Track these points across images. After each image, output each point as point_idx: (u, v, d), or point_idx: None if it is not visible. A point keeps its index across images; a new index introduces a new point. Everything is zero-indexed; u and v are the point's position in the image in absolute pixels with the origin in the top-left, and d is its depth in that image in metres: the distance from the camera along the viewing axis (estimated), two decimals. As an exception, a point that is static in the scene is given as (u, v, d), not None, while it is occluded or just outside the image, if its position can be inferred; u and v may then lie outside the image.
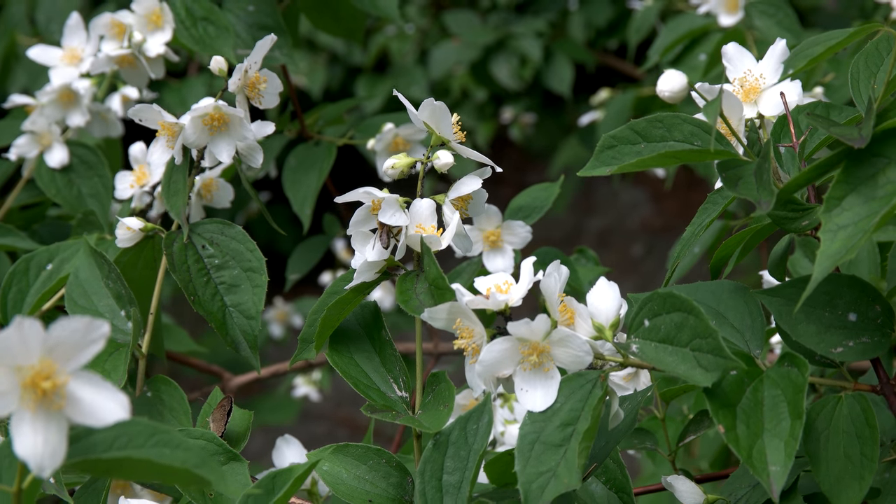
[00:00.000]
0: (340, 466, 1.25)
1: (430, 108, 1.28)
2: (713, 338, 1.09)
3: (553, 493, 1.09)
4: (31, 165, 1.84)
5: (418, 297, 1.23)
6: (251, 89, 1.47)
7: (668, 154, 1.20)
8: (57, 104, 1.78)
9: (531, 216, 1.68)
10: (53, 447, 0.84)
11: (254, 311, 1.42)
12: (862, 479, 1.12)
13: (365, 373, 1.29)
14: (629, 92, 3.01)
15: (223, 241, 1.45)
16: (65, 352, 0.84)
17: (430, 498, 1.15)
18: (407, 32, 3.89)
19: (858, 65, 1.22)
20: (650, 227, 4.64)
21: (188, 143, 1.44)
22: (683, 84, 1.20)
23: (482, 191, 1.32)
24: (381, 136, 1.90)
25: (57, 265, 1.51)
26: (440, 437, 1.17)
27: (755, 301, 1.21)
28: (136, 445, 0.86)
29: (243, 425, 1.33)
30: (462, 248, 1.31)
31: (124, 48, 1.73)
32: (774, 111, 1.28)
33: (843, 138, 1.09)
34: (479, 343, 1.16)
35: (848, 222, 1.09)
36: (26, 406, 0.84)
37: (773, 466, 1.06)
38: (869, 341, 1.17)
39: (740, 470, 1.35)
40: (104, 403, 0.84)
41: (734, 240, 1.29)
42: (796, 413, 1.08)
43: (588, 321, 1.19)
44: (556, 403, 1.13)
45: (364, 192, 1.27)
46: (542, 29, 3.43)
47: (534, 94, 3.94)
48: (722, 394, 1.11)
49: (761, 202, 1.11)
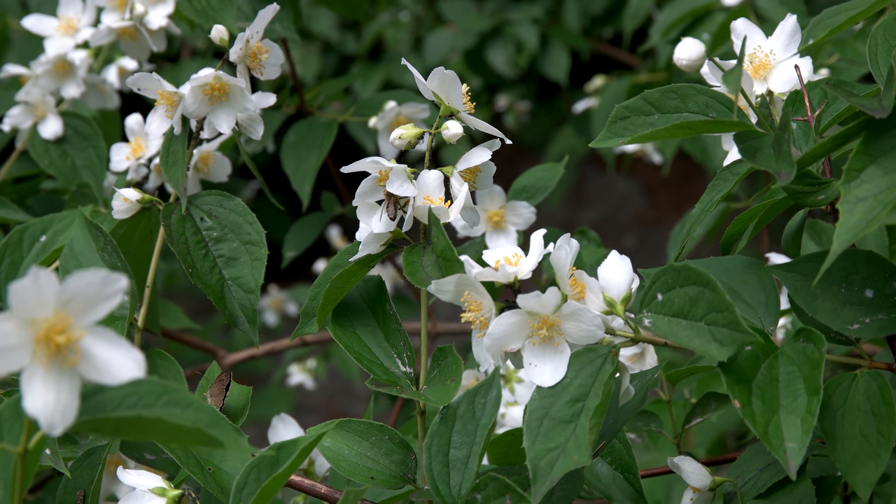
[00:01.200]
0: (342, 442, 1.22)
1: (440, 77, 1.25)
2: (730, 311, 1.07)
3: (562, 469, 1.06)
4: (24, 136, 1.80)
5: (425, 269, 1.21)
6: (252, 59, 1.44)
7: (683, 125, 1.17)
8: (52, 75, 1.74)
9: (535, 197, 1.65)
10: (65, 405, 0.81)
11: (252, 285, 1.39)
12: (878, 457, 1.10)
13: (368, 347, 1.26)
14: (624, 79, 2.98)
15: (222, 214, 1.42)
16: (80, 306, 0.81)
17: (437, 473, 1.12)
18: (401, 20, 3.86)
19: (877, 37, 1.20)
20: (643, 220, 4.63)
21: (188, 113, 1.41)
22: (701, 52, 1.17)
23: (491, 163, 1.29)
24: (384, 114, 1.86)
25: (51, 237, 1.48)
26: (447, 411, 1.15)
27: (769, 276, 1.19)
28: (147, 404, 0.83)
29: (242, 400, 1.30)
30: (470, 221, 1.28)
31: (126, 20, 1.69)
32: (785, 87, 1.26)
33: (864, 108, 1.06)
34: (488, 316, 1.13)
35: (867, 194, 1.06)
36: (39, 361, 0.81)
37: (790, 443, 1.04)
38: (886, 318, 1.14)
39: (748, 453, 1.32)
40: (119, 361, 0.81)
41: (745, 216, 1.27)
42: (813, 389, 1.06)
43: (599, 295, 1.16)
44: (565, 379, 1.11)
45: (371, 162, 1.24)
46: (538, 16, 3.40)
47: (529, 82, 3.91)
48: (737, 369, 1.08)
49: (781, 173, 1.08)
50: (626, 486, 1.28)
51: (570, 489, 1.16)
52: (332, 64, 4.08)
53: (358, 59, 3.89)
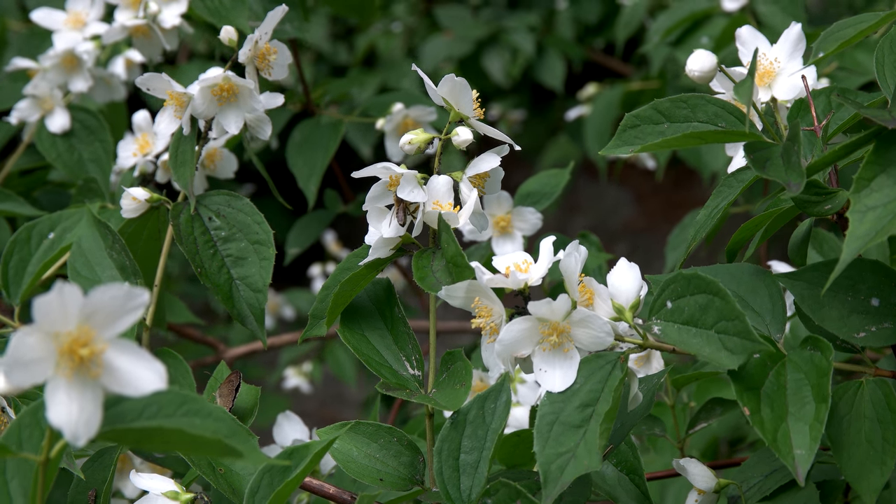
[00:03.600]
0: (351, 444, 1.23)
1: (450, 84, 1.26)
2: (740, 320, 1.08)
3: (573, 473, 1.07)
4: (31, 129, 1.81)
5: (435, 274, 1.21)
6: (261, 60, 1.45)
7: (693, 135, 1.18)
8: (60, 68, 1.75)
9: (540, 202, 1.66)
10: (89, 415, 0.82)
11: (261, 284, 1.40)
12: (884, 464, 1.11)
13: (377, 350, 1.27)
14: (617, 87, 2.99)
15: (230, 214, 1.42)
16: (103, 319, 0.82)
17: (448, 477, 1.12)
18: (393, 31, 3.86)
19: (884, 49, 1.21)
20: (634, 227, 4.64)
21: (196, 114, 1.42)
22: (713, 64, 1.18)
23: (499, 169, 1.30)
24: (391, 116, 1.87)
25: (59, 234, 1.48)
26: (457, 416, 1.15)
27: (776, 285, 1.20)
28: (167, 415, 0.84)
29: (251, 401, 1.31)
30: (478, 226, 1.29)
31: (139, 18, 1.70)
32: (789, 95, 1.27)
33: (875, 119, 1.08)
34: (498, 322, 1.14)
35: (877, 203, 1.07)
36: (62, 373, 0.82)
37: (798, 450, 1.05)
38: (891, 326, 1.16)
39: (753, 458, 1.33)
40: (141, 373, 0.82)
41: (752, 223, 1.28)
42: (821, 397, 1.07)
43: (608, 302, 1.17)
44: (575, 384, 1.11)
45: (382, 167, 1.25)
46: (534, 23, 3.41)
47: (522, 91, 3.91)
48: (746, 377, 1.10)
49: (790, 184, 1.09)
50: (631, 488, 1.29)
51: (579, 494, 1.17)
52: (323, 74, 4.08)
53: (351, 69, 3.90)
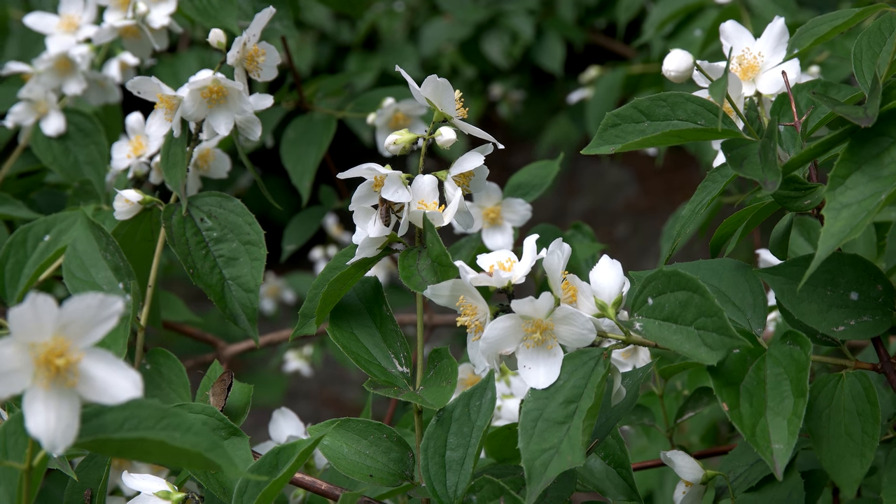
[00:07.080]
0: (341, 441, 1.25)
1: (433, 85, 1.27)
2: (718, 316, 1.09)
3: (556, 469, 1.09)
4: (27, 133, 1.83)
5: (421, 273, 1.23)
6: (250, 62, 1.46)
7: (672, 133, 1.20)
8: (54, 72, 1.77)
9: (530, 193, 1.67)
10: (66, 424, 0.84)
11: (252, 284, 1.42)
12: (863, 456, 1.13)
13: (366, 348, 1.29)
14: (619, 70, 3.00)
15: (222, 215, 1.44)
16: (78, 329, 0.83)
17: (434, 474, 1.15)
18: (396, 10, 3.87)
19: (861, 45, 1.22)
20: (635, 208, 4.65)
21: (187, 116, 1.43)
22: (689, 64, 1.20)
23: (484, 167, 1.31)
24: (382, 111, 1.89)
25: (54, 236, 1.50)
26: (443, 413, 1.17)
27: (757, 279, 1.22)
28: (147, 427, 0.86)
29: (243, 400, 1.33)
30: (463, 224, 1.31)
31: (128, 19, 1.71)
32: (773, 89, 1.28)
33: (849, 117, 1.09)
34: (483, 320, 1.16)
35: (852, 201, 1.09)
36: (39, 383, 0.84)
37: (777, 444, 1.07)
38: (870, 320, 1.17)
39: (739, 448, 1.35)
40: (117, 381, 0.84)
41: (735, 218, 1.29)
42: (799, 391, 1.09)
43: (591, 299, 1.19)
44: (558, 381, 1.13)
45: (367, 168, 1.26)
46: (533, 6, 3.42)
47: (523, 72, 3.92)
48: (726, 372, 1.11)
49: (767, 182, 1.11)
50: (619, 481, 1.31)
51: (564, 489, 1.19)
52: (326, 53, 4.09)
53: (353, 48, 3.91)
